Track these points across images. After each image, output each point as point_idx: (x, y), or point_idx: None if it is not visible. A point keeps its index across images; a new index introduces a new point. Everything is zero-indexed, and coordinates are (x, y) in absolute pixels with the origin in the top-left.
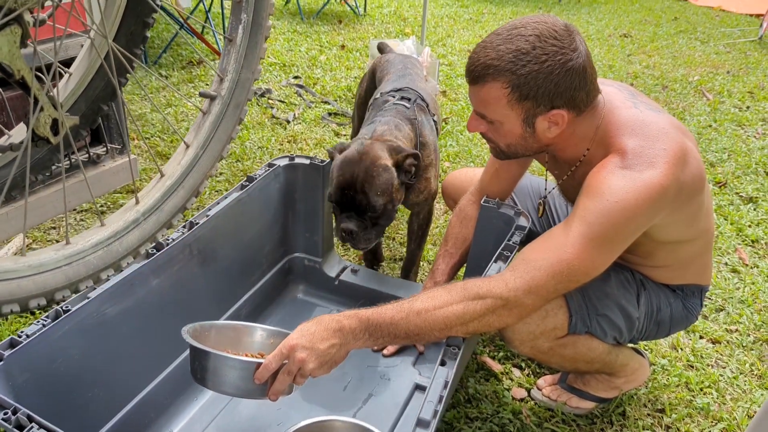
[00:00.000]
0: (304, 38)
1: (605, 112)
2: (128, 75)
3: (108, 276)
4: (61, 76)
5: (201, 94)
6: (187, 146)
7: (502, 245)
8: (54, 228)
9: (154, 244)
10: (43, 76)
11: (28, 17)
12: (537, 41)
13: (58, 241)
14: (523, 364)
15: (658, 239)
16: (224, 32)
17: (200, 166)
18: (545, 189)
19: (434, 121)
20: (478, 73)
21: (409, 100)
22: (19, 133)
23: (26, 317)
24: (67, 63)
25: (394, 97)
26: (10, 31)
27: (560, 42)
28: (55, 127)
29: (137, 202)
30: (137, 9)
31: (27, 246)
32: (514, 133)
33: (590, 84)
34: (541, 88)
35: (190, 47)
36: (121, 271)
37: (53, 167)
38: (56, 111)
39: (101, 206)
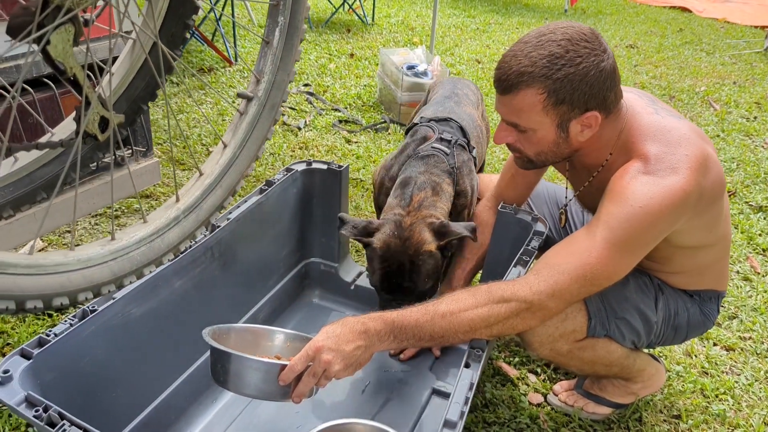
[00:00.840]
0: (314, 46)
1: (627, 117)
2: (167, 76)
3: (150, 272)
4: (101, 74)
5: (238, 95)
6: (225, 146)
7: (521, 250)
8: (69, 232)
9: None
10: (93, 75)
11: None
12: (569, 45)
13: (75, 245)
14: (538, 370)
15: (677, 244)
16: (234, 42)
17: (237, 166)
18: (566, 197)
19: (473, 156)
20: (511, 81)
21: (449, 142)
22: (62, 130)
23: (44, 319)
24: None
25: (433, 130)
26: (65, 30)
27: (591, 44)
28: (102, 124)
29: (177, 200)
30: (179, 10)
31: (41, 249)
32: (547, 139)
33: (617, 85)
34: (577, 90)
35: (203, 54)
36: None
37: (92, 165)
38: (104, 108)
39: (115, 211)
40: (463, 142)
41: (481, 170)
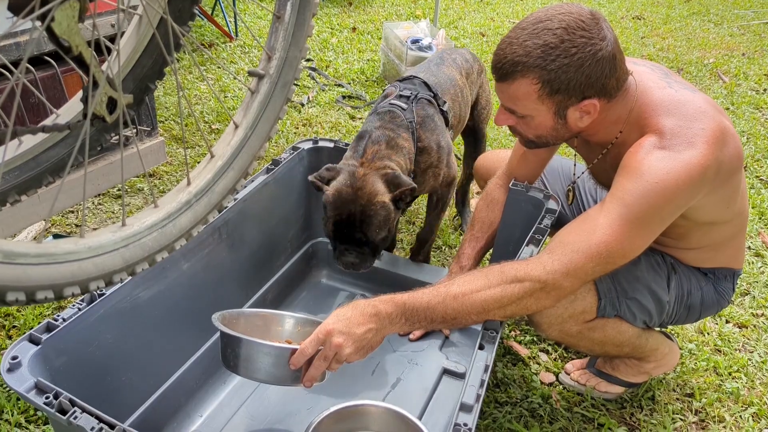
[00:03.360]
0: (315, 21)
1: (638, 93)
2: (189, 51)
3: (162, 258)
4: (108, 53)
5: (249, 73)
6: (237, 126)
7: (534, 228)
8: (72, 212)
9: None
10: (100, 53)
11: None
12: (565, 34)
13: (78, 226)
14: (550, 349)
15: (694, 220)
16: (234, 17)
17: (249, 147)
18: (573, 174)
19: (443, 111)
20: (506, 70)
21: (407, 98)
22: (68, 111)
23: (48, 304)
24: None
25: (396, 88)
26: (70, 5)
27: (588, 32)
28: (110, 105)
29: (189, 183)
30: None
31: (46, 231)
32: (546, 125)
33: (620, 69)
34: (572, 81)
35: (203, 29)
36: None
37: (99, 147)
38: (111, 89)
39: (118, 190)
40: (427, 96)
41: (477, 140)
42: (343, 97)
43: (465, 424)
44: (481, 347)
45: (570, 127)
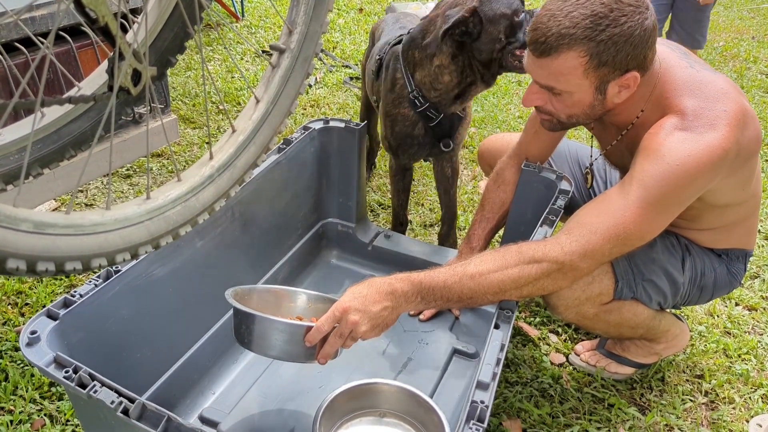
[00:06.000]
0: None
1: (660, 72)
2: (195, 27)
3: (186, 232)
4: (129, 25)
5: (271, 47)
6: (258, 101)
7: (547, 209)
8: (81, 191)
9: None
10: (127, 25)
11: None
12: (613, 2)
13: (87, 205)
14: (559, 330)
15: (710, 202)
16: None
17: (270, 122)
18: (591, 156)
19: None
20: (550, 44)
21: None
22: (89, 85)
23: (61, 279)
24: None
25: (390, 45)
26: None
27: (635, 0)
28: (134, 77)
29: (211, 157)
30: None
31: (55, 209)
32: (584, 102)
33: (656, 42)
34: (621, 52)
35: (208, 8)
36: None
37: (120, 121)
38: (136, 60)
39: (128, 170)
40: None
41: None
42: (351, 78)
43: (482, 401)
44: (496, 326)
45: (606, 104)
